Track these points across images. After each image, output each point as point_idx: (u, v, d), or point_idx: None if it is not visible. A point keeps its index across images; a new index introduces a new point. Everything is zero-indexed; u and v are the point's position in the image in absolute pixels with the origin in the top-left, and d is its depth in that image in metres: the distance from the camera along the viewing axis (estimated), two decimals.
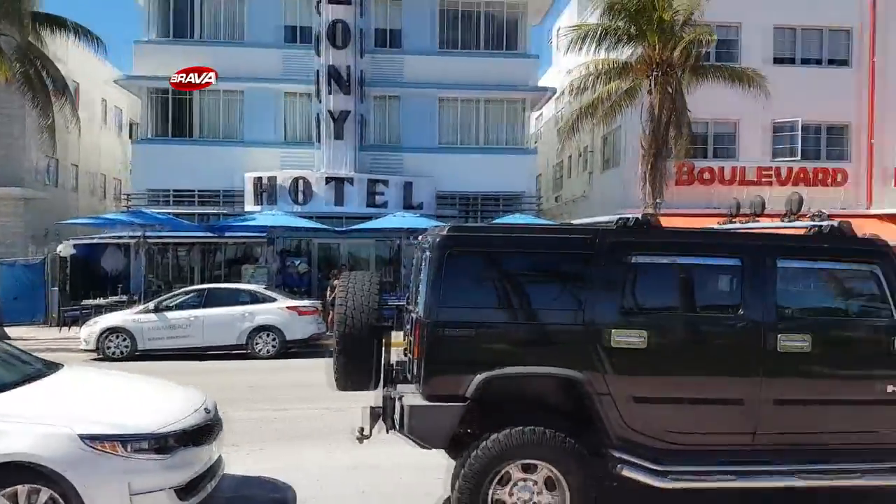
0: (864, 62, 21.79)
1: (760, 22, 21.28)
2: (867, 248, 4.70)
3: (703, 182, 21.37)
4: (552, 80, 25.63)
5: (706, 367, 4.47)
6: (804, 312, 4.71)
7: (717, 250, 4.69)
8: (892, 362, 4.51)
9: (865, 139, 21.89)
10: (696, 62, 17.30)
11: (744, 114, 20.58)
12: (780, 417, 4.44)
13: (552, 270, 4.57)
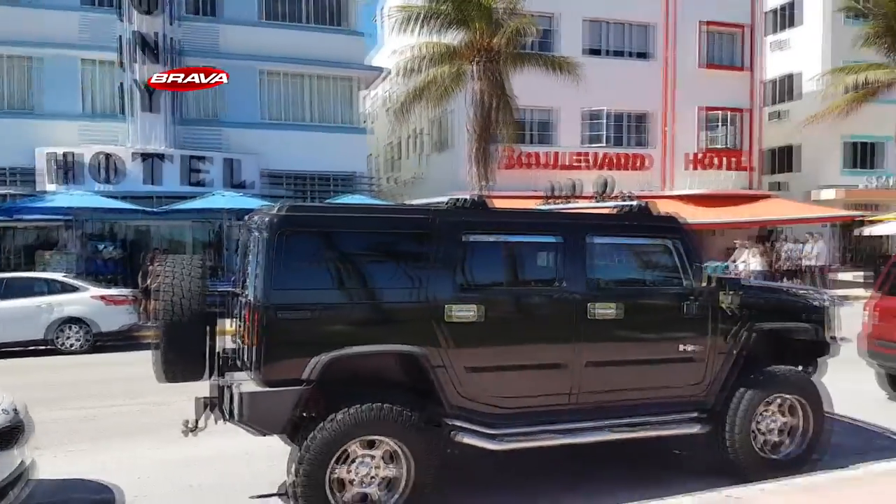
0: (661, 55, 24.37)
1: (574, 14, 22.95)
2: (666, 224, 5.32)
3: (526, 166, 22.72)
4: (384, 60, 25.67)
5: (532, 336, 4.81)
6: (614, 283, 5.23)
7: (541, 229, 5.08)
8: (685, 325, 5.15)
9: (662, 126, 24.57)
10: (517, 49, 18.21)
11: (561, 102, 22.15)
12: (594, 378, 4.91)
13: (391, 250, 4.66)
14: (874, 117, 25.19)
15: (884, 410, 7.49)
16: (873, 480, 4.90)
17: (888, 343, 7.53)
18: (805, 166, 28.30)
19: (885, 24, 21.09)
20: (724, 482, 4.95)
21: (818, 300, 5.80)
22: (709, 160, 24.89)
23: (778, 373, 5.35)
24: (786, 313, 5.67)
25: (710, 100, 24.74)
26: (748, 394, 5.16)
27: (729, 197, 24.00)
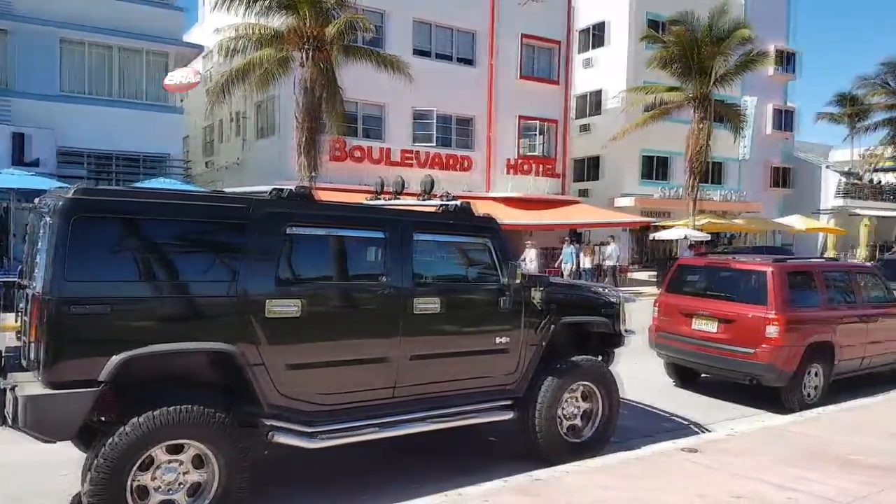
0: (485, 63, 25.46)
1: (404, 13, 23.20)
2: (483, 224, 5.56)
3: (355, 159, 22.61)
4: (202, 38, 24.09)
5: (355, 331, 4.77)
6: (436, 279, 5.35)
7: (365, 224, 5.03)
8: (500, 317, 5.42)
9: (486, 132, 25.70)
10: (349, 42, 18.04)
11: (391, 99, 22.31)
12: (416, 371, 4.99)
13: (203, 240, 4.34)
14: (667, 134, 28.46)
15: (670, 396, 8.38)
16: (657, 460, 5.48)
17: (670, 335, 8.51)
18: (607, 176, 31.19)
19: (678, 52, 23.92)
20: (532, 466, 5.27)
21: (612, 296, 6.40)
22: (525, 166, 26.54)
23: (579, 362, 5.81)
24: (586, 308, 6.18)
25: (528, 109, 26.31)
26: (554, 382, 5.55)
27: (542, 201, 25.75)
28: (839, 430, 6.47)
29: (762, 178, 36.63)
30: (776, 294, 7.49)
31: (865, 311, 8.49)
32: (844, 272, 8.98)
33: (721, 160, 32.77)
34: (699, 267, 8.99)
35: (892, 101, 34.71)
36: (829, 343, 7.89)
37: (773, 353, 7.38)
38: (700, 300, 8.33)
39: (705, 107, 24.20)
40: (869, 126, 40.00)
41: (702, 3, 28.50)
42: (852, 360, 8.30)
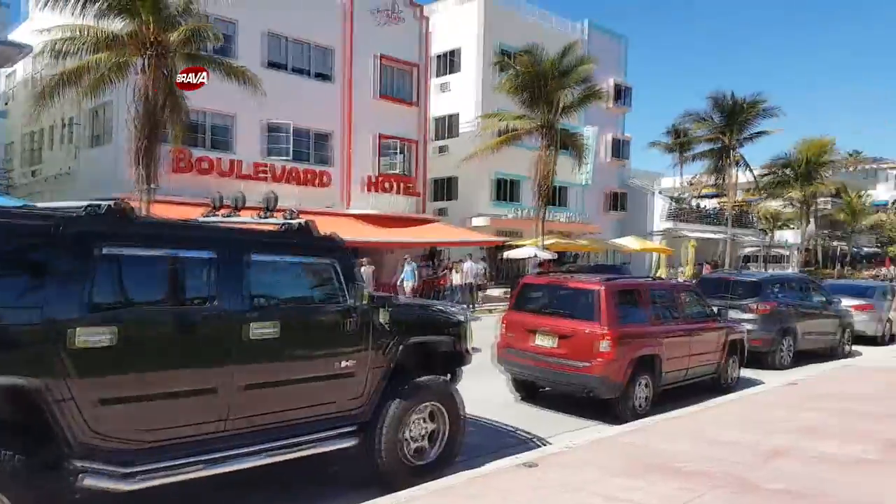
0: (342, 80, 25.30)
1: (255, 24, 22.49)
2: (327, 244, 5.38)
3: (202, 171, 21.45)
4: (29, 36, 21.83)
5: (180, 360, 4.40)
6: (274, 302, 5.07)
7: (194, 243, 4.66)
8: (345, 341, 5.26)
9: (344, 149, 25.47)
10: (194, 51, 17.14)
11: (240, 110, 21.45)
12: (251, 401, 4.68)
13: (1, 261, 3.80)
14: (517, 159, 29.77)
15: (515, 411, 8.62)
16: (497, 477, 5.57)
17: (514, 351, 8.80)
18: (462, 196, 32.09)
19: (526, 82, 25.20)
20: (375, 494, 5.12)
21: (458, 315, 6.48)
22: (385, 184, 26.64)
23: (425, 382, 5.79)
24: (432, 327, 6.20)
25: (386, 128, 26.50)
26: (400, 404, 5.47)
27: (402, 219, 25.97)
28: (665, 439, 6.97)
29: (601, 202, 39.46)
30: (606, 311, 7.99)
31: (687, 325, 9.30)
32: (668, 290, 9.80)
33: (565, 185, 34.85)
34: (541, 285, 9.40)
35: (713, 135, 38.77)
36: (656, 356, 8.53)
37: (606, 366, 7.85)
38: (541, 317, 8.70)
39: (551, 135, 25.65)
40: (694, 156, 44.49)
41: (547, 37, 30.39)
42: (677, 371, 9.03)
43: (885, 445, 6.69)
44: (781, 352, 12.40)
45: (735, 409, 8.55)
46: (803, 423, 7.70)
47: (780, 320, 12.42)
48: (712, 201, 49.39)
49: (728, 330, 10.12)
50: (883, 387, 10.28)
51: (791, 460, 6.16)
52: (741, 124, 37.24)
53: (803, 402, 8.94)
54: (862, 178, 69.84)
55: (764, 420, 7.84)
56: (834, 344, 14.11)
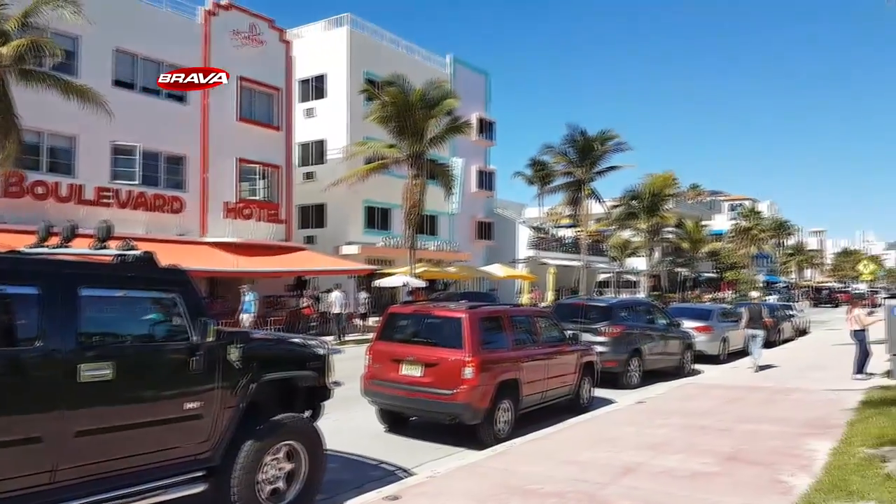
0: (198, 101, 24.20)
1: (104, 41, 21.03)
2: (169, 276, 5.00)
3: (37, 196, 19.56)
4: None
5: (1, 407, 3.89)
6: (109, 340, 4.63)
7: (14, 277, 4.15)
8: (190, 380, 4.89)
9: (201, 173, 24.27)
10: (29, 67, 15.71)
11: (84, 131, 19.89)
12: (83, 449, 4.24)
13: None
14: (387, 187, 29.89)
15: (382, 443, 8.47)
16: None
17: (381, 382, 8.67)
18: (332, 224, 31.64)
19: (394, 112, 25.45)
20: None
21: (319, 348, 6.27)
22: (246, 210, 25.64)
23: (282, 421, 5.52)
24: (291, 362, 5.95)
25: (248, 153, 25.64)
26: (254, 445, 5.17)
27: (265, 247, 25.06)
28: (524, 461, 7.12)
29: (470, 231, 40.49)
30: (470, 338, 8.11)
31: (545, 349, 9.65)
32: (528, 316, 10.14)
33: (435, 213, 35.46)
34: (407, 314, 9.38)
35: (569, 169, 41.20)
36: (517, 380, 8.75)
37: (470, 392, 7.94)
38: (408, 346, 8.67)
39: (420, 164, 26.04)
40: (553, 188, 46.97)
41: (414, 68, 31.05)
42: (536, 394, 9.32)
43: (723, 458, 7.24)
44: (631, 372, 13.20)
45: (589, 429, 8.94)
46: (651, 439, 8.18)
47: (629, 342, 13.24)
48: (570, 231, 52.32)
49: (582, 353, 10.63)
50: (722, 402, 11.19)
51: (640, 476, 6.49)
52: (593, 160, 39.91)
53: (651, 420, 9.53)
54: (704, 209, 77.14)
55: (615, 438, 8.25)
56: (678, 363, 15.23)
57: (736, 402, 11.07)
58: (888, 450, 6.88)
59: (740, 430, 8.75)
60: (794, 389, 12.39)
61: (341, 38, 32.10)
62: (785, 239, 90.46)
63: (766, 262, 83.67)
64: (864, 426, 8.27)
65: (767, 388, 12.57)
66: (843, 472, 6.13)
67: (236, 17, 25.64)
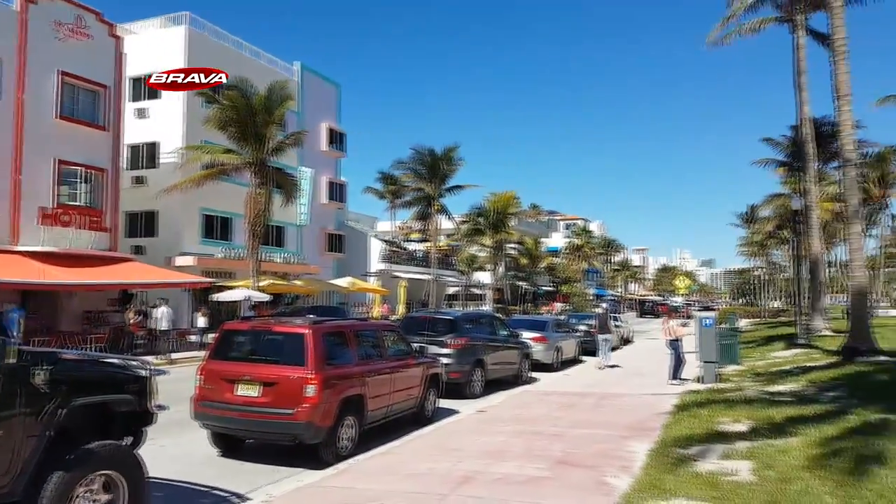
0: (12, 95, 21.67)
1: None
2: None
3: None
4: None
5: None
6: None
7: None
8: None
9: (12, 174, 21.67)
10: None
11: None
12: None
13: None
14: (228, 195, 28.51)
15: (215, 468, 7.95)
16: None
17: (213, 403, 8.13)
18: (165, 232, 29.55)
19: (235, 116, 24.34)
20: None
21: (140, 370, 5.76)
22: (65, 217, 23.16)
23: (96, 449, 4.99)
24: (107, 385, 5.41)
25: (69, 154, 23.30)
26: (62, 476, 4.64)
27: (87, 257, 22.84)
28: (367, 478, 7.01)
29: (319, 243, 39.75)
30: (314, 354, 7.87)
31: (390, 363, 9.61)
32: (373, 330, 10.06)
33: (282, 224, 34.40)
34: (244, 331, 8.91)
35: (419, 185, 41.90)
36: (361, 396, 8.62)
37: (311, 411, 7.68)
38: (244, 365, 8.22)
39: (264, 172, 25.11)
40: (403, 203, 47.48)
41: (260, 74, 30.05)
42: (381, 409, 9.23)
43: (554, 462, 7.60)
44: (474, 382, 13.57)
45: (432, 440, 9.03)
46: (490, 447, 8.42)
47: (473, 353, 13.62)
48: (421, 245, 53.15)
49: (427, 365, 10.73)
50: (555, 408, 11.81)
51: (477, 485, 6.63)
52: (442, 177, 40.97)
53: (491, 427, 9.82)
54: (543, 227, 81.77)
55: (456, 448, 8.39)
56: (517, 372, 15.91)
57: (568, 408, 11.74)
58: (696, 449, 7.60)
59: (571, 434, 9.27)
60: (619, 395, 13.39)
61: (179, 37, 30.33)
62: (613, 256, 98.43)
63: (596, 277, 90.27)
64: (676, 428, 9.08)
65: (596, 394, 13.47)
66: (659, 472, 6.67)
67: (60, 7, 23.30)
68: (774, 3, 25.56)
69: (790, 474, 6.13)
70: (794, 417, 8.79)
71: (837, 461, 6.29)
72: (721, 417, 9.48)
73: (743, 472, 6.41)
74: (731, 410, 9.94)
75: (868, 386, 11.12)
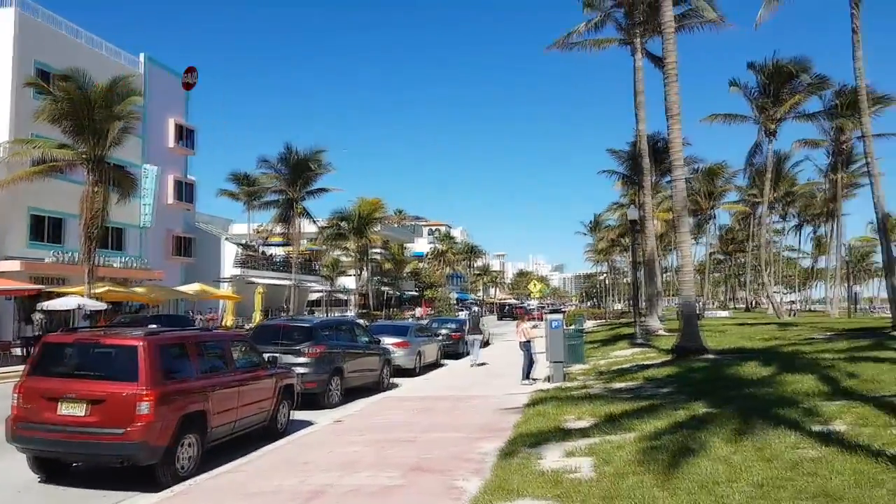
0: None
1: None
2: None
3: None
4: None
5: None
6: None
7: None
8: None
9: None
10: None
11: None
12: None
13: None
14: (61, 194, 25.95)
15: (34, 495, 7.23)
16: None
17: (33, 424, 7.29)
18: None
19: (69, 109, 22.19)
20: None
21: None
22: None
23: None
24: None
25: None
26: None
27: None
28: (207, 499, 6.58)
29: (165, 247, 37.31)
30: (148, 369, 7.26)
31: (238, 376, 9.10)
32: (219, 341, 9.49)
33: (122, 226, 31.94)
34: (68, 344, 8.03)
35: (281, 186, 40.55)
36: (204, 411, 8.08)
37: (146, 430, 7.07)
38: (69, 381, 7.43)
39: (102, 170, 23.10)
40: (262, 204, 45.73)
41: (100, 64, 27.74)
42: (227, 425, 8.71)
43: (408, 469, 7.55)
44: (332, 391, 13.27)
45: (283, 455, 8.67)
46: (343, 458, 8.22)
47: (330, 361, 13.31)
48: (281, 249, 51.49)
49: (280, 376, 10.32)
50: (413, 413, 11.82)
51: (327, 499, 6.42)
52: (307, 179, 40.01)
53: (346, 438, 9.62)
54: (408, 232, 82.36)
55: (308, 461, 8.11)
56: (378, 378, 15.78)
57: (425, 413, 11.80)
58: (543, 448, 7.89)
59: (426, 439, 9.30)
60: (474, 396, 13.68)
61: (6, 20, 27.27)
62: (474, 261, 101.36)
63: (458, 282, 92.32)
64: (525, 427, 9.39)
65: (453, 397, 13.67)
66: (507, 472, 6.82)
67: None
68: (617, 26, 27.61)
69: (625, 469, 6.50)
70: (631, 412, 9.40)
71: (666, 455, 6.76)
72: (567, 415, 9.95)
73: (584, 469, 6.72)
74: (576, 408, 10.46)
75: (695, 382, 12.16)
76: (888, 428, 7.00)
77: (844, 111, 37.84)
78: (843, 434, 6.97)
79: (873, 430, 6.99)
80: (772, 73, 36.87)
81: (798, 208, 64.84)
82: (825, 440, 6.74)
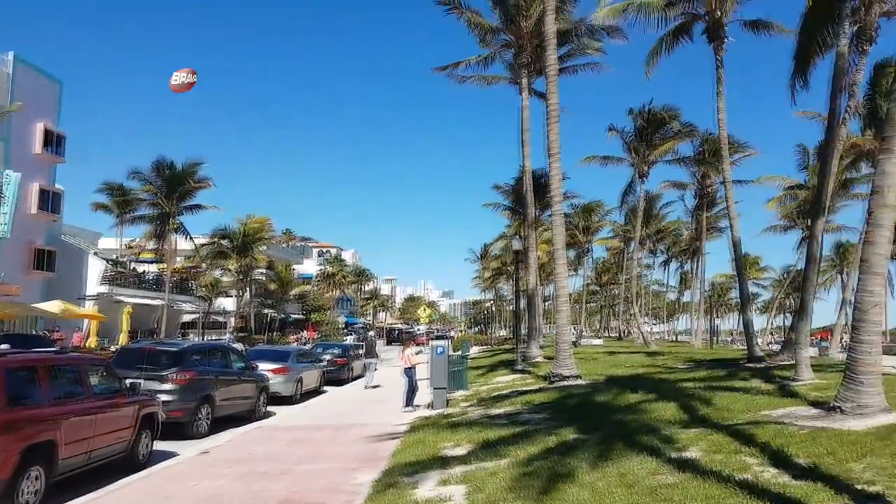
0: None
1: None
2: None
3: None
4: None
5: None
6: None
7: None
8: None
9: None
10: None
11: None
12: None
13: None
14: None
15: None
16: None
17: None
18: None
19: None
20: None
21: None
22: None
23: None
24: None
25: None
26: None
27: None
28: None
29: (24, 259, 34.21)
30: None
31: (93, 403, 8.41)
32: (75, 365, 8.74)
33: None
34: None
35: (155, 200, 38.33)
36: (52, 441, 7.38)
37: None
38: None
39: None
40: (135, 218, 42.95)
41: None
42: (79, 456, 8.01)
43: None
44: (200, 420, 12.52)
45: (141, 488, 8.08)
46: (209, 491, 7.77)
47: (199, 389, 12.58)
48: (153, 267, 48.56)
49: (142, 404, 9.64)
50: (286, 444, 11.40)
51: None
52: (182, 194, 38.11)
53: (212, 470, 9.10)
54: (296, 253, 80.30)
55: (170, 495, 7.61)
56: (252, 407, 15.08)
57: (300, 443, 11.42)
58: (419, 476, 7.84)
59: (299, 470, 8.99)
60: (354, 425, 13.42)
61: None
62: (364, 284, 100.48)
63: (347, 305, 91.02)
64: (402, 456, 9.32)
65: (332, 426, 13.34)
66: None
67: None
68: (506, 65, 28.72)
69: (497, 496, 6.59)
70: (507, 438, 9.59)
71: (536, 481, 6.93)
72: (445, 442, 9.97)
73: (456, 498, 6.74)
74: (454, 434, 10.52)
75: (568, 409, 12.61)
76: (737, 454, 7.54)
77: (709, 157, 41.35)
78: (698, 461, 7.44)
79: (724, 456, 7.51)
80: (647, 118, 39.71)
81: (666, 245, 69.67)
82: (682, 466, 7.15)
